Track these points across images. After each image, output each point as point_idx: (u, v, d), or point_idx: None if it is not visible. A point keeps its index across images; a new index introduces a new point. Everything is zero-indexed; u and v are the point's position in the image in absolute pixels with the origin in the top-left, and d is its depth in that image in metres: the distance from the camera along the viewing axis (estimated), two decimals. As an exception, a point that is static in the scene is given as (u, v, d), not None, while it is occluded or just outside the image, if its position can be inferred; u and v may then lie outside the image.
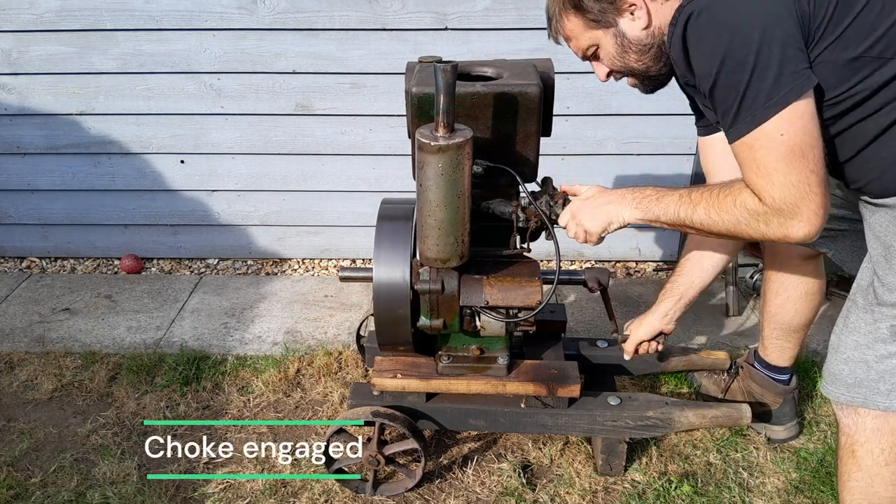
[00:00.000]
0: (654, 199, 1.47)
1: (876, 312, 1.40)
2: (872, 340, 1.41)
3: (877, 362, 1.41)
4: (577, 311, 2.76)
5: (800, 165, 1.20)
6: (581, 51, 1.53)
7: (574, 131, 2.84)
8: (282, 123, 2.89)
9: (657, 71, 1.48)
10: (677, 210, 1.42)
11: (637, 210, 1.50)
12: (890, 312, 1.38)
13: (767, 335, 2.03)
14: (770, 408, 2.06)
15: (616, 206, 1.54)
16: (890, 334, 1.39)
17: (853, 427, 1.48)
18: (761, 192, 1.25)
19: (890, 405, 1.42)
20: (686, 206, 1.40)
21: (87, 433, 2.16)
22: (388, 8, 2.64)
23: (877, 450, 1.46)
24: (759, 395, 2.08)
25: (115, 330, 2.69)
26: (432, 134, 1.50)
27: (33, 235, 3.21)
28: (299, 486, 1.95)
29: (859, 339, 1.43)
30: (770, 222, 1.26)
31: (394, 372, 1.87)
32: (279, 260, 3.21)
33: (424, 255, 1.66)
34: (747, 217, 1.29)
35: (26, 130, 2.94)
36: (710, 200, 1.36)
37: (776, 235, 1.27)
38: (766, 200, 1.25)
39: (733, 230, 1.33)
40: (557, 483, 1.96)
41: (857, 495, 1.53)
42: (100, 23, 2.71)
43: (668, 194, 1.45)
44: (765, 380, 2.06)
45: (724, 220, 1.33)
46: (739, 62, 1.20)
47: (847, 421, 1.50)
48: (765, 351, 2.06)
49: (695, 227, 1.40)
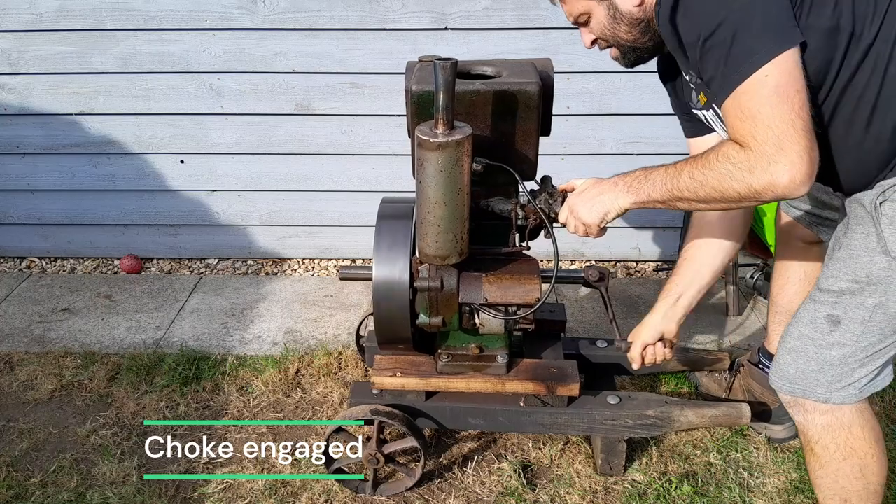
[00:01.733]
0: (643, 179, 1.45)
1: (816, 301, 1.44)
2: (812, 330, 1.44)
3: (816, 353, 1.44)
4: (576, 311, 2.76)
5: (784, 107, 1.19)
6: (572, 16, 1.53)
7: (574, 131, 2.84)
8: (282, 123, 2.89)
9: (643, 44, 1.50)
10: (664, 182, 1.40)
11: (629, 194, 1.48)
12: (828, 299, 1.42)
13: (772, 323, 2.04)
14: (770, 407, 2.06)
15: (610, 195, 1.52)
16: (828, 323, 1.41)
17: (805, 424, 1.51)
18: (745, 137, 1.23)
19: (829, 397, 1.44)
20: (672, 176, 1.38)
21: (87, 433, 2.16)
22: (388, 8, 2.64)
23: (832, 446, 1.48)
24: (760, 394, 2.07)
25: (115, 330, 2.69)
26: (432, 131, 1.50)
27: (33, 235, 3.21)
28: (299, 486, 1.95)
29: (802, 329, 1.46)
30: (754, 169, 1.22)
31: (393, 370, 1.87)
32: (279, 260, 3.21)
33: (423, 251, 1.66)
34: (731, 168, 1.26)
35: (26, 130, 2.95)
36: (693, 163, 1.35)
37: (761, 183, 1.23)
38: (749, 144, 1.22)
39: (719, 187, 1.29)
40: (557, 483, 1.96)
41: (827, 491, 1.55)
42: (100, 23, 2.71)
43: (656, 170, 1.44)
44: (766, 378, 2.05)
45: (709, 179, 1.31)
46: (725, 23, 1.21)
47: (798, 418, 1.52)
48: (770, 343, 2.05)
49: (683, 196, 1.37)
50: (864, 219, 1.37)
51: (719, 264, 1.81)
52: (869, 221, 1.36)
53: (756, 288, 2.79)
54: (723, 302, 2.78)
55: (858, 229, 1.38)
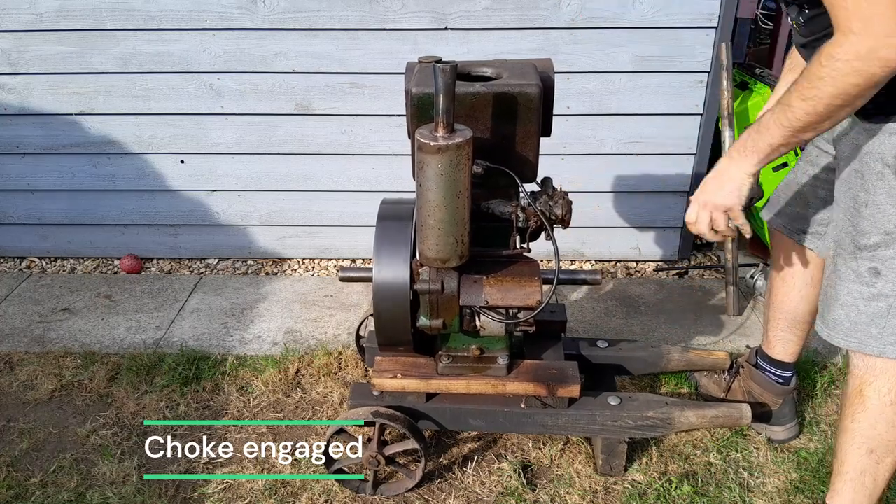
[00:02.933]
0: (755, 135, 1.42)
1: (857, 258, 1.49)
2: (859, 284, 1.51)
3: (865, 305, 1.50)
4: (577, 311, 2.76)
5: None
6: None
7: (574, 131, 2.84)
8: (282, 123, 2.89)
9: None
10: (778, 122, 1.36)
11: (750, 156, 1.44)
12: (866, 255, 1.48)
13: (772, 328, 2.03)
14: (770, 408, 2.06)
15: (734, 167, 1.48)
16: (870, 275, 1.48)
17: (863, 368, 1.55)
18: (849, 21, 1.19)
19: (883, 350, 1.51)
20: (782, 111, 1.35)
21: (87, 433, 2.16)
22: (388, 8, 2.64)
23: (884, 389, 1.53)
24: (759, 395, 2.08)
25: (115, 330, 2.69)
26: (432, 134, 1.50)
27: (33, 235, 3.21)
28: (299, 487, 1.95)
29: (849, 286, 1.52)
30: (861, 53, 1.18)
31: (394, 372, 1.87)
32: (279, 260, 3.21)
33: (424, 255, 1.66)
34: (840, 65, 1.22)
35: (26, 130, 2.94)
36: (798, 86, 1.30)
37: (877, 64, 1.18)
38: (854, 27, 1.18)
39: (837, 91, 1.24)
40: (557, 483, 1.96)
41: (858, 438, 1.59)
42: (100, 23, 2.71)
43: (763, 119, 1.41)
44: (765, 380, 2.06)
45: (824, 89, 1.26)
46: None
47: (857, 363, 1.57)
48: (769, 345, 2.05)
49: (804, 123, 1.32)
50: (884, 173, 1.41)
51: None
52: (891, 176, 1.40)
53: (756, 288, 2.80)
54: (723, 302, 2.79)
55: (880, 185, 1.42)
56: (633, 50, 2.68)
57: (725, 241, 2.76)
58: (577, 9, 2.61)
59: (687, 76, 2.73)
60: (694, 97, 2.77)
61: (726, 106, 2.71)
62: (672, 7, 2.60)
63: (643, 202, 3.02)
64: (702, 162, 2.90)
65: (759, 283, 2.78)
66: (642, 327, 2.66)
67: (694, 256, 3.19)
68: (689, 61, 2.70)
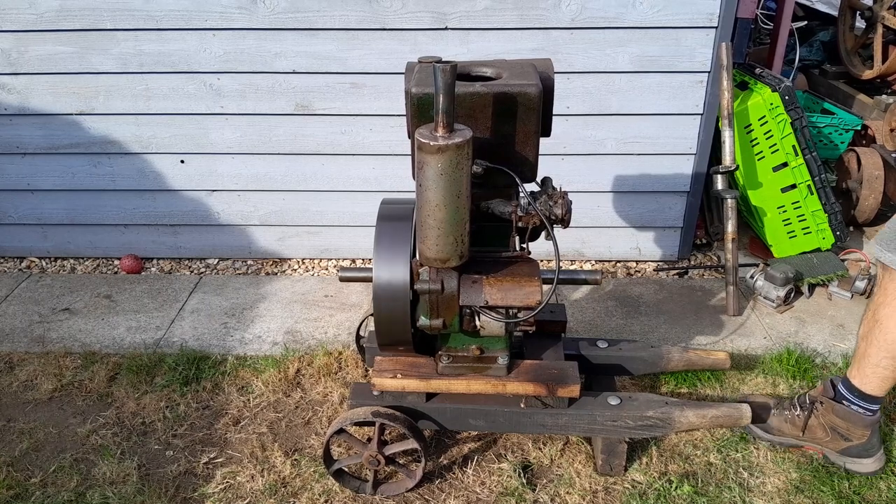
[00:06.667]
0: None
1: None
2: None
3: None
4: (577, 311, 2.76)
5: None
6: None
7: (574, 131, 2.84)
8: (282, 123, 2.89)
9: None
10: None
11: None
12: None
13: (873, 364, 1.86)
14: (855, 443, 1.96)
15: None
16: None
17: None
18: None
19: None
20: None
21: (87, 433, 2.16)
22: (387, 8, 2.64)
23: None
24: (845, 430, 1.95)
25: (115, 330, 2.69)
26: (432, 134, 1.50)
27: (33, 235, 3.21)
28: (299, 487, 1.95)
29: None
30: None
31: (394, 372, 1.87)
32: (279, 260, 3.21)
33: (424, 254, 1.66)
34: None
35: (26, 130, 2.94)
36: None
37: None
38: None
39: None
40: (557, 483, 1.96)
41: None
42: (100, 23, 2.71)
43: None
44: (851, 413, 1.94)
45: None
46: None
47: None
48: (863, 380, 1.90)
49: None
50: None
51: None
52: None
53: (756, 288, 2.80)
54: (723, 302, 2.79)
55: None
56: (633, 50, 2.68)
57: (725, 241, 2.76)
58: (577, 9, 2.61)
59: (687, 76, 2.73)
60: (694, 97, 2.77)
61: (726, 106, 2.71)
62: (672, 7, 2.60)
63: (643, 202, 3.02)
64: (702, 162, 2.90)
65: (759, 284, 2.78)
66: (642, 327, 2.66)
67: (694, 256, 3.19)
68: (689, 61, 2.70)
